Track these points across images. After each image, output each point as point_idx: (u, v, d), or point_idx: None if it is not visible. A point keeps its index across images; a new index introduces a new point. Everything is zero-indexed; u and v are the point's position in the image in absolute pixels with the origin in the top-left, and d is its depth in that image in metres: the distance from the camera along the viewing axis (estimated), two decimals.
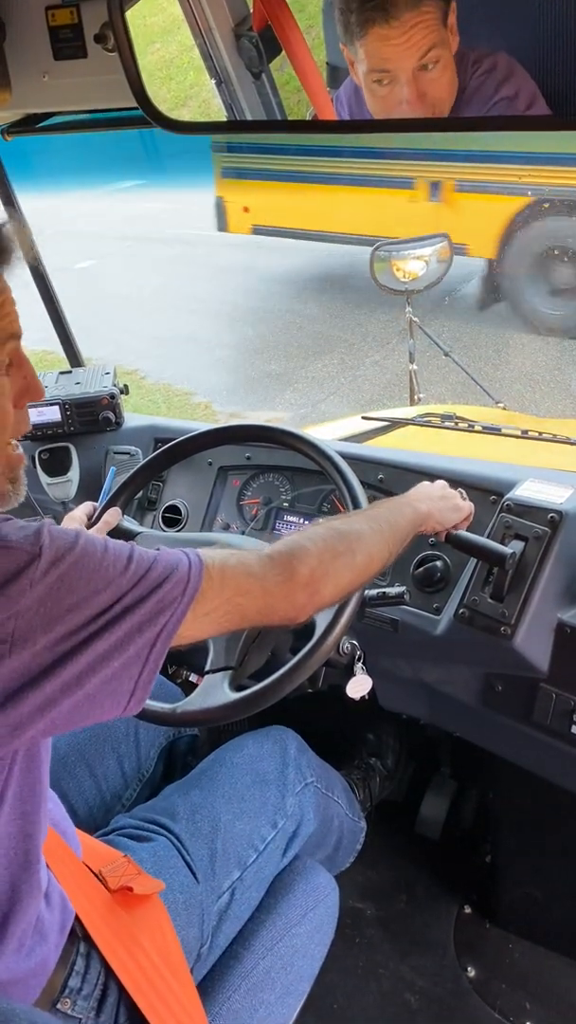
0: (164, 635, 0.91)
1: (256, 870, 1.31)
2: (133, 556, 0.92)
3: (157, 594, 0.90)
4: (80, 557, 0.88)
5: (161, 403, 6.02)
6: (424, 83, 0.97)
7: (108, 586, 0.88)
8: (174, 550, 0.97)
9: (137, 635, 0.89)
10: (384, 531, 1.14)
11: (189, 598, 0.92)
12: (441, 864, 2.01)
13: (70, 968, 1.03)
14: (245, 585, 0.98)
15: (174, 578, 0.92)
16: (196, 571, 0.94)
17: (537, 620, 1.32)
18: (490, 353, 6.08)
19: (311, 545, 1.04)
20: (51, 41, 1.33)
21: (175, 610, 0.91)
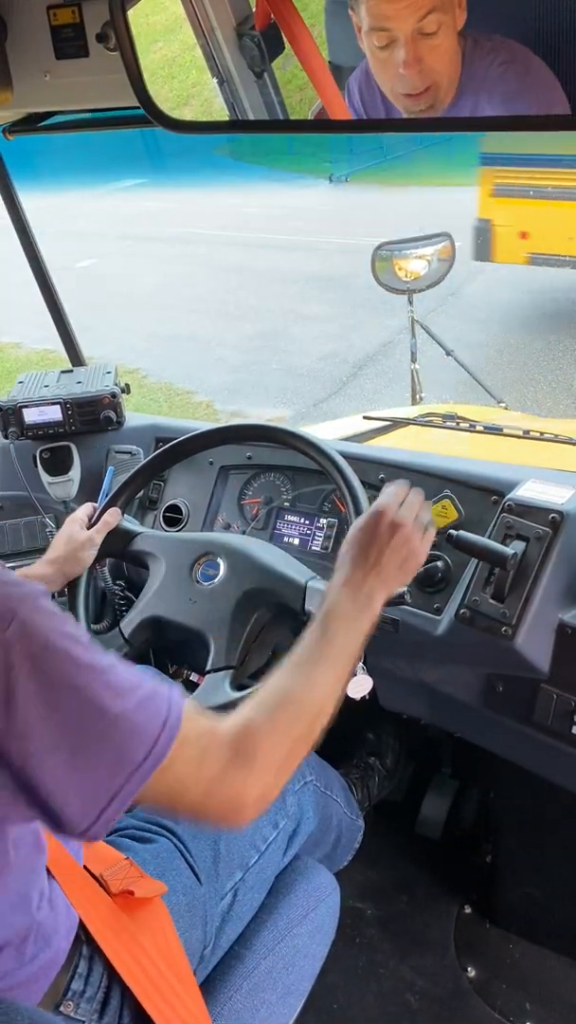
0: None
1: (258, 870, 1.31)
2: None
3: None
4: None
5: (162, 402, 6.03)
6: (423, 48, 0.96)
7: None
8: (155, 703, 0.87)
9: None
10: (342, 669, 1.05)
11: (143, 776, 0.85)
12: (442, 864, 2.01)
13: (73, 971, 1.03)
14: (190, 781, 0.89)
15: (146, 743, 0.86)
16: (161, 747, 0.86)
17: (538, 621, 1.32)
18: (492, 353, 6.09)
19: (274, 747, 0.93)
20: (53, 40, 1.33)
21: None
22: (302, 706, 0.98)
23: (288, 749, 0.95)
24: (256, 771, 0.91)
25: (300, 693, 0.99)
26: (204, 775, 0.89)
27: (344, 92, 1.10)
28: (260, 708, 0.97)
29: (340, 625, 1.08)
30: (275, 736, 0.94)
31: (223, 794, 0.90)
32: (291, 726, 0.96)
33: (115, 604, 1.81)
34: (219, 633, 1.35)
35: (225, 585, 1.39)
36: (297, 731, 0.97)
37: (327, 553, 1.66)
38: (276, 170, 14.35)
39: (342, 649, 1.06)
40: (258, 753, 0.92)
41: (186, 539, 1.50)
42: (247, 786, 0.91)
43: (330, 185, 13.26)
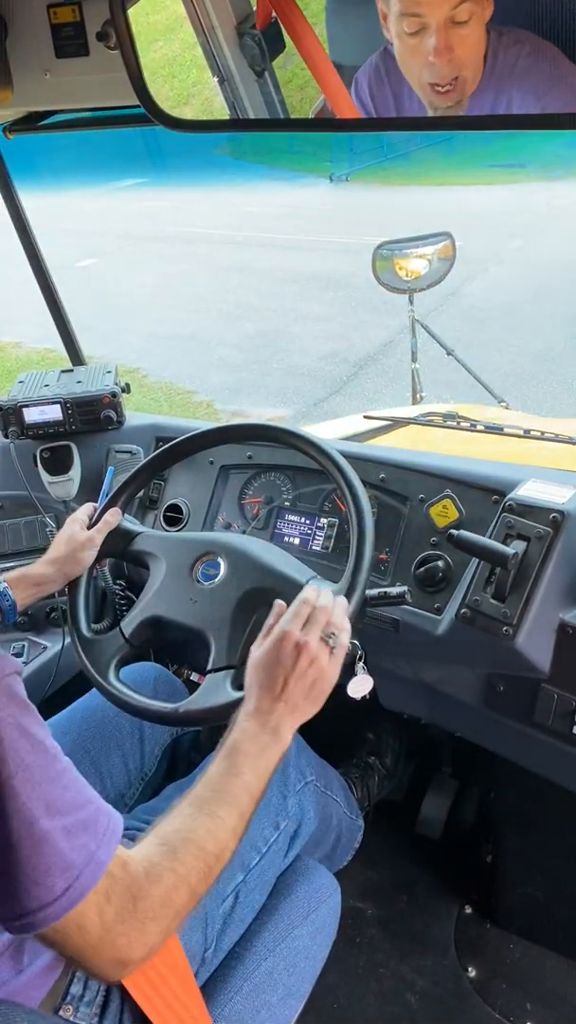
0: None
1: (259, 872, 1.31)
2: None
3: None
4: None
5: (163, 402, 6.03)
6: (454, 37, 0.95)
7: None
8: (93, 818, 0.85)
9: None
10: (247, 808, 1.01)
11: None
12: (442, 864, 2.01)
13: (72, 974, 1.03)
14: (88, 923, 0.83)
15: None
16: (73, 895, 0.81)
17: (539, 620, 1.32)
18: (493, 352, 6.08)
19: (173, 900, 0.89)
20: (53, 39, 1.32)
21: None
22: (203, 854, 0.93)
23: (184, 900, 0.90)
24: (154, 925, 0.86)
25: (203, 839, 0.94)
26: (104, 920, 0.83)
27: (351, 87, 1.09)
28: (167, 851, 0.91)
29: (246, 760, 1.03)
30: (177, 888, 0.89)
31: (115, 946, 0.84)
32: (192, 876, 0.91)
33: (115, 604, 1.81)
34: (220, 633, 1.34)
35: (226, 585, 1.39)
36: (196, 880, 0.91)
37: (328, 553, 1.66)
38: (277, 169, 14.35)
39: (246, 787, 1.01)
40: (158, 905, 0.87)
41: (186, 539, 1.50)
42: (139, 941, 0.86)
43: (331, 184, 13.27)
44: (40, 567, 1.47)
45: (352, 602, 1.25)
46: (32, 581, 1.45)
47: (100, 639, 1.43)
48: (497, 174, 12.41)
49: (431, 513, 1.51)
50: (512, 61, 0.95)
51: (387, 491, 1.58)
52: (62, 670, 1.78)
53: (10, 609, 1.42)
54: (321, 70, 1.12)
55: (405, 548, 1.53)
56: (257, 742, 1.05)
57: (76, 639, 1.44)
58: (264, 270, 9.03)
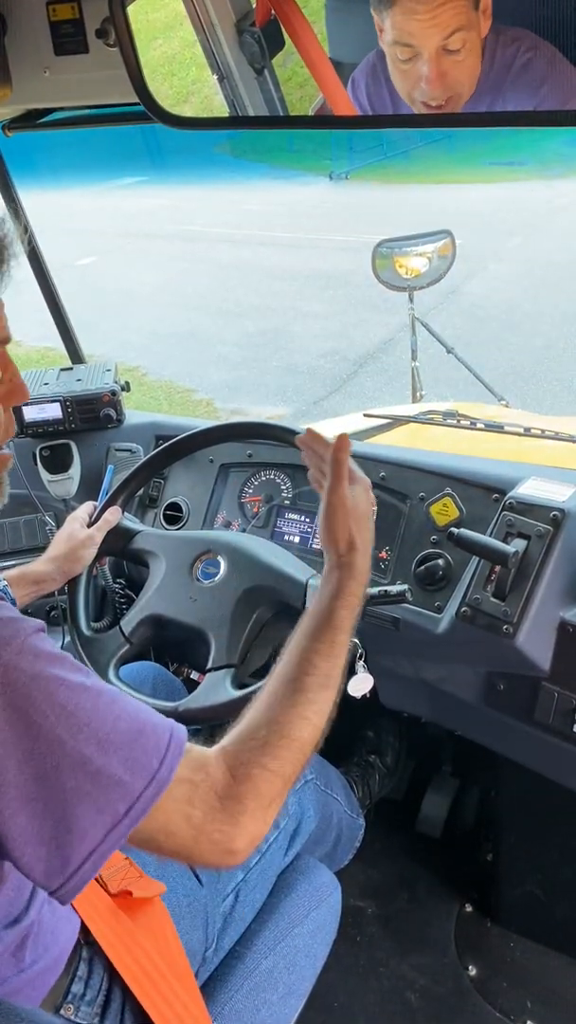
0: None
1: (260, 871, 1.31)
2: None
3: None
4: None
5: (163, 400, 6.03)
6: (446, 64, 0.95)
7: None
8: (146, 756, 0.83)
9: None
10: (334, 699, 1.00)
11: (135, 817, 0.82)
12: (442, 862, 2.01)
13: (73, 973, 1.02)
14: (175, 828, 0.85)
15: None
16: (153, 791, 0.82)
17: (539, 619, 1.32)
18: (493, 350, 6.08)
19: (264, 790, 0.89)
20: (52, 36, 1.32)
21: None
22: (296, 743, 0.93)
23: (278, 788, 0.91)
24: (246, 817, 0.87)
25: (296, 729, 0.94)
26: (192, 823, 0.85)
27: (348, 86, 1.09)
28: (252, 749, 0.91)
29: (344, 631, 1.04)
30: (267, 779, 0.89)
31: (212, 841, 0.86)
32: (284, 766, 0.91)
33: (115, 602, 1.81)
34: (220, 631, 1.34)
35: (226, 583, 1.39)
36: (291, 770, 0.92)
37: None
38: (276, 167, 14.34)
39: (340, 661, 1.02)
40: (248, 799, 0.87)
41: (186, 537, 1.50)
42: (237, 833, 0.86)
43: (330, 182, 13.26)
44: (40, 565, 1.47)
45: None
46: (32, 579, 1.45)
47: (100, 637, 1.43)
48: (496, 172, 12.41)
49: (431, 511, 1.51)
50: (509, 60, 0.95)
51: (387, 489, 1.57)
52: None
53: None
54: (320, 68, 1.12)
55: (405, 546, 1.53)
56: (354, 607, 1.07)
57: (76, 637, 1.44)
58: (264, 268, 9.03)
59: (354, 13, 1.08)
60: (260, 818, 0.89)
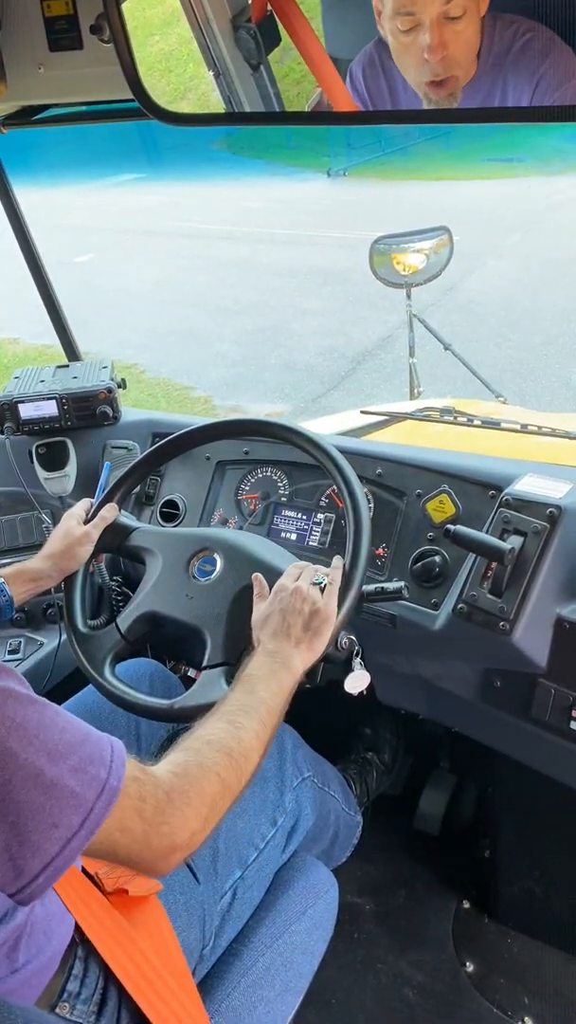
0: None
1: (257, 868, 1.31)
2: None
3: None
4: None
5: (161, 397, 6.02)
6: (448, 33, 0.95)
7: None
8: (94, 766, 0.85)
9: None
10: (267, 717, 1.08)
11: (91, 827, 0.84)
12: (440, 859, 2.01)
13: (68, 972, 1.02)
14: (129, 822, 0.88)
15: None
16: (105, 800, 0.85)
17: (536, 615, 1.32)
18: (490, 347, 6.08)
19: (204, 790, 0.95)
20: (47, 32, 1.32)
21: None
22: (229, 751, 1.00)
23: (218, 788, 0.96)
24: (191, 810, 0.92)
25: (227, 740, 1.01)
26: (143, 817, 0.88)
27: (346, 78, 1.09)
28: (189, 752, 0.98)
29: (259, 682, 1.11)
30: (206, 776, 0.95)
31: (160, 835, 0.89)
32: (220, 767, 0.97)
33: (112, 599, 1.81)
34: (216, 629, 1.34)
35: (222, 581, 1.38)
36: (224, 771, 0.97)
37: (324, 548, 1.66)
38: (274, 164, 14.31)
39: (264, 701, 1.09)
40: (191, 792, 0.93)
41: (183, 535, 1.50)
42: (181, 826, 0.91)
43: (328, 179, 13.23)
44: (36, 563, 1.46)
45: (348, 597, 1.25)
46: (28, 577, 1.45)
47: (96, 635, 1.43)
48: (495, 168, 12.39)
49: (428, 508, 1.51)
50: (508, 42, 0.95)
51: (384, 486, 1.57)
52: (59, 666, 1.78)
53: (7, 605, 1.42)
54: (317, 64, 1.11)
55: (402, 543, 1.53)
56: (269, 668, 1.14)
57: (72, 635, 1.44)
58: (262, 265, 9.02)
59: (350, 9, 1.08)
60: (203, 815, 0.93)
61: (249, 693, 1.10)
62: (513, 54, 0.95)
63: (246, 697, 1.09)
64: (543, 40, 0.92)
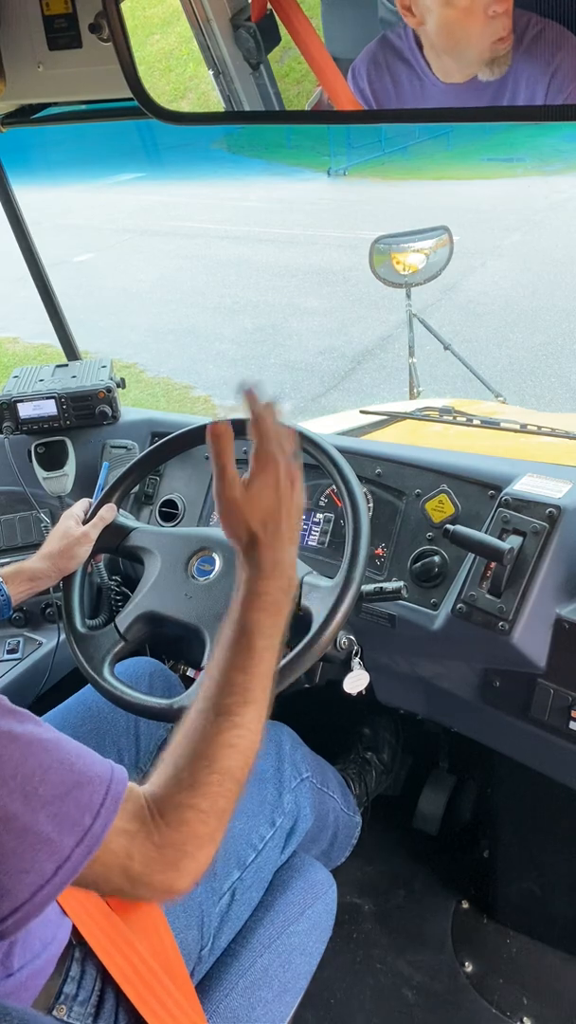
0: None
1: (256, 869, 1.30)
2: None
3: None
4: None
5: (160, 397, 6.02)
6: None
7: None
8: (78, 812, 0.80)
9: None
10: (266, 703, 0.94)
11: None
12: (439, 859, 2.01)
13: (65, 974, 1.02)
14: (113, 877, 0.83)
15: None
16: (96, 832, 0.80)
17: (535, 615, 1.32)
18: (491, 347, 6.08)
19: (201, 828, 0.86)
20: (46, 30, 1.31)
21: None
22: (227, 775, 0.89)
23: (215, 826, 0.88)
24: (187, 860, 0.85)
25: (224, 759, 0.89)
26: (130, 875, 0.83)
27: (349, 76, 1.09)
28: (182, 789, 0.87)
29: (264, 640, 0.96)
30: (200, 819, 0.86)
31: (151, 886, 0.84)
32: (217, 803, 0.87)
33: (111, 599, 1.81)
34: (215, 628, 1.33)
35: (221, 580, 1.38)
36: (224, 804, 0.88)
37: (324, 548, 1.65)
38: (274, 164, 14.32)
39: (265, 676, 0.95)
40: (187, 844, 0.85)
41: (182, 534, 1.49)
42: (178, 877, 0.84)
43: (328, 179, 13.24)
44: (35, 562, 1.46)
45: (348, 597, 1.25)
46: (27, 576, 1.45)
47: (95, 635, 1.43)
48: (495, 168, 12.40)
49: (427, 508, 1.51)
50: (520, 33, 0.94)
51: (383, 486, 1.57)
52: (57, 666, 1.78)
53: (4, 604, 1.42)
54: (318, 62, 1.11)
55: (401, 543, 1.53)
56: (276, 611, 0.97)
57: (71, 635, 1.44)
58: (262, 265, 9.02)
59: (351, 7, 1.07)
60: (201, 857, 0.86)
61: (250, 668, 0.94)
62: (525, 46, 0.94)
63: (247, 676, 0.93)
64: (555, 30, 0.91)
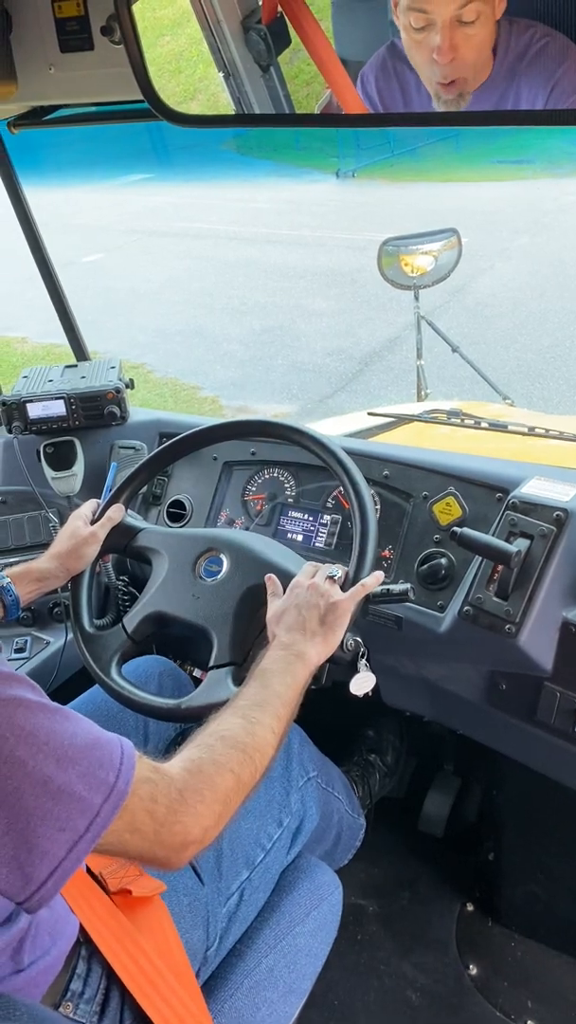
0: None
1: (264, 869, 1.31)
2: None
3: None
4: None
5: (168, 397, 6.03)
6: (459, 37, 0.94)
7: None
8: (103, 771, 0.85)
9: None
10: (282, 710, 1.09)
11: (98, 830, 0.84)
12: (444, 861, 2.01)
13: (72, 971, 1.02)
14: (140, 823, 0.88)
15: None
16: (113, 801, 0.85)
17: (542, 618, 1.32)
18: (499, 349, 6.07)
19: (218, 784, 0.95)
20: (57, 33, 1.32)
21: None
22: (243, 746, 1.00)
23: (231, 784, 0.96)
24: (203, 807, 0.92)
25: (242, 735, 1.01)
26: (155, 817, 0.89)
27: (358, 82, 1.09)
28: (203, 748, 0.99)
29: (274, 676, 1.12)
30: (220, 773, 0.96)
31: (172, 833, 0.90)
32: (234, 764, 0.98)
33: (118, 599, 1.81)
34: (222, 629, 1.34)
35: (228, 581, 1.39)
36: (239, 769, 0.98)
37: (331, 549, 1.66)
38: (283, 165, 14.31)
39: (278, 695, 1.09)
40: (204, 790, 0.93)
41: (189, 535, 1.50)
42: (194, 823, 0.91)
43: (337, 180, 13.23)
44: (43, 562, 1.47)
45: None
46: (34, 576, 1.45)
47: (102, 635, 1.43)
48: (504, 170, 12.36)
49: (434, 510, 1.51)
50: (524, 47, 0.94)
51: (390, 488, 1.57)
52: (65, 666, 1.78)
53: (13, 604, 1.42)
54: (327, 66, 1.11)
55: (408, 545, 1.53)
56: (284, 661, 1.15)
57: (78, 635, 1.44)
58: (270, 266, 9.02)
59: (361, 10, 1.08)
60: (216, 812, 0.94)
61: (263, 687, 1.10)
62: (528, 59, 0.94)
63: (260, 691, 1.09)
64: (559, 46, 0.91)
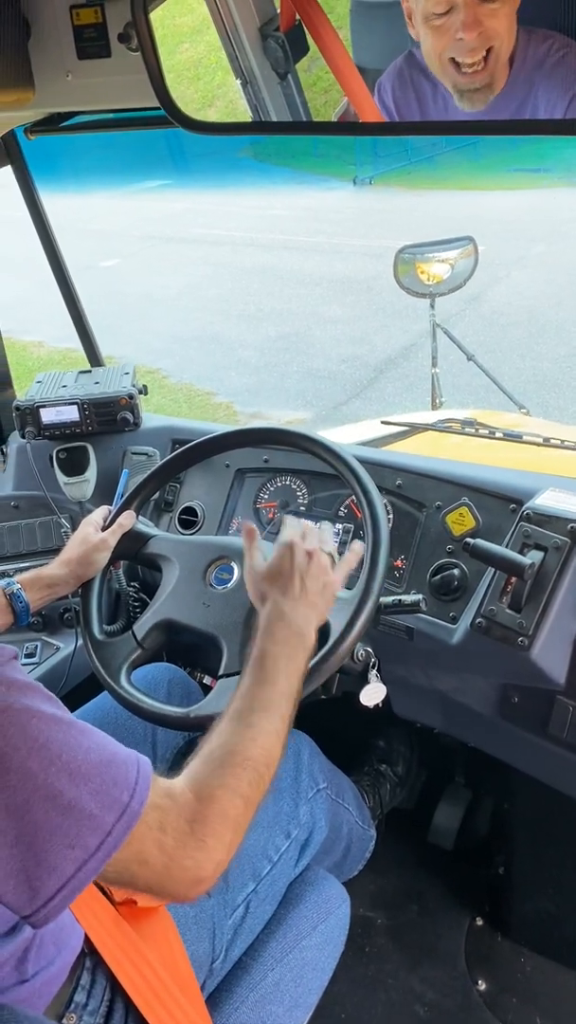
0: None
1: (270, 882, 1.29)
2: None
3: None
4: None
5: (183, 403, 6.04)
6: (483, 11, 0.93)
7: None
8: (116, 789, 0.84)
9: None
10: (286, 711, 1.03)
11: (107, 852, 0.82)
12: (453, 874, 1.99)
13: (76, 982, 1.02)
14: (148, 855, 0.86)
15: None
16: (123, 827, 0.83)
17: (555, 631, 1.30)
18: (514, 358, 6.05)
19: (228, 812, 0.91)
20: (75, 40, 1.33)
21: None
22: (250, 762, 0.95)
23: (241, 810, 0.92)
24: (214, 840, 0.89)
25: (248, 749, 0.96)
26: (164, 850, 0.86)
27: (374, 92, 1.09)
28: (211, 771, 0.94)
29: (277, 666, 1.06)
30: (230, 799, 0.92)
31: (183, 868, 0.87)
32: (242, 785, 0.93)
33: (129, 606, 1.81)
34: (232, 637, 1.34)
35: (239, 589, 1.38)
36: (248, 788, 0.94)
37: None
38: (300, 172, 14.34)
39: (282, 693, 1.04)
40: (215, 821, 0.89)
41: (201, 542, 1.49)
42: (205, 858, 0.88)
43: (354, 187, 13.24)
44: (53, 569, 1.47)
45: (366, 609, 1.24)
46: (45, 583, 1.45)
47: (112, 642, 1.43)
48: (521, 178, 12.34)
49: (447, 521, 1.50)
50: (542, 56, 0.94)
51: (403, 497, 1.56)
52: (75, 671, 1.78)
53: (23, 611, 1.42)
54: (345, 74, 1.11)
55: (421, 555, 1.52)
56: (286, 645, 1.08)
57: (88, 641, 1.44)
58: (286, 273, 9.03)
59: (379, 19, 1.07)
60: (227, 842, 0.90)
61: (268, 683, 1.04)
62: (546, 69, 0.94)
63: (264, 688, 1.03)
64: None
